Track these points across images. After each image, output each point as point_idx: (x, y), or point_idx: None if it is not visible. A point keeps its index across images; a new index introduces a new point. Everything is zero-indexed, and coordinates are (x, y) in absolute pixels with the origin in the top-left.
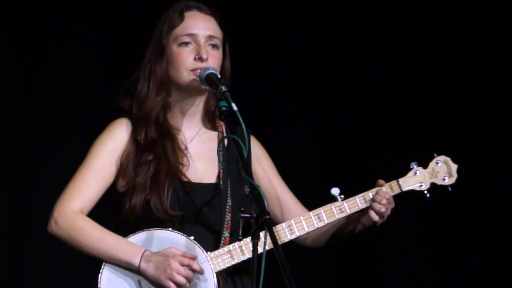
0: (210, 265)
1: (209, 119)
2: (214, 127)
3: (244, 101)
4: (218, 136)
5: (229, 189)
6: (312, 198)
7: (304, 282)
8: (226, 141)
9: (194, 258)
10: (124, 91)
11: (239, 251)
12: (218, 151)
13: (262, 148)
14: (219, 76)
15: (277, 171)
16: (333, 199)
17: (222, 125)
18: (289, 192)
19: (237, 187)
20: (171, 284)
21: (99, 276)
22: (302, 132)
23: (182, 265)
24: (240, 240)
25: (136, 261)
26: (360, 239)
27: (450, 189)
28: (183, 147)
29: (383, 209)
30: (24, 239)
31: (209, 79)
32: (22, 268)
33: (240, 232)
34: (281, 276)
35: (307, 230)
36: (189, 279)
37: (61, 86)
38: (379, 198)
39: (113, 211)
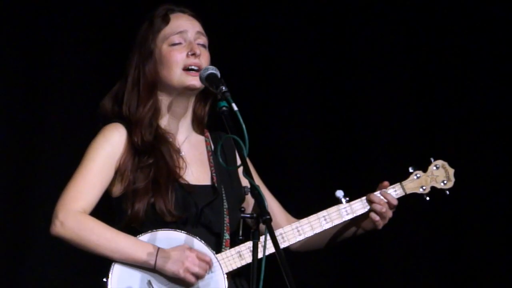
0: (221, 265)
1: (198, 124)
2: (201, 133)
3: (244, 103)
4: (206, 141)
5: (223, 191)
6: (309, 202)
7: (304, 282)
8: (212, 146)
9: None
10: (111, 101)
11: (249, 252)
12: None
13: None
14: (219, 76)
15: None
16: (337, 201)
17: (208, 135)
18: (273, 197)
19: (229, 189)
20: (190, 276)
21: (109, 276)
22: (303, 137)
23: (199, 259)
24: (240, 240)
25: (151, 259)
26: (361, 241)
27: (448, 192)
28: (177, 150)
29: (383, 209)
30: (24, 239)
31: (209, 79)
32: (22, 269)
33: (241, 232)
34: (281, 275)
35: (314, 232)
36: (204, 273)
37: (61, 85)
38: (377, 199)
39: (106, 216)
